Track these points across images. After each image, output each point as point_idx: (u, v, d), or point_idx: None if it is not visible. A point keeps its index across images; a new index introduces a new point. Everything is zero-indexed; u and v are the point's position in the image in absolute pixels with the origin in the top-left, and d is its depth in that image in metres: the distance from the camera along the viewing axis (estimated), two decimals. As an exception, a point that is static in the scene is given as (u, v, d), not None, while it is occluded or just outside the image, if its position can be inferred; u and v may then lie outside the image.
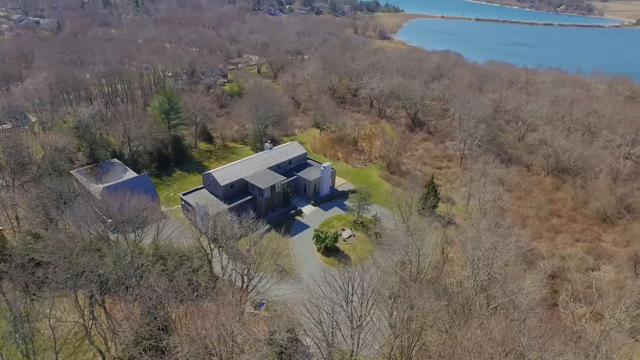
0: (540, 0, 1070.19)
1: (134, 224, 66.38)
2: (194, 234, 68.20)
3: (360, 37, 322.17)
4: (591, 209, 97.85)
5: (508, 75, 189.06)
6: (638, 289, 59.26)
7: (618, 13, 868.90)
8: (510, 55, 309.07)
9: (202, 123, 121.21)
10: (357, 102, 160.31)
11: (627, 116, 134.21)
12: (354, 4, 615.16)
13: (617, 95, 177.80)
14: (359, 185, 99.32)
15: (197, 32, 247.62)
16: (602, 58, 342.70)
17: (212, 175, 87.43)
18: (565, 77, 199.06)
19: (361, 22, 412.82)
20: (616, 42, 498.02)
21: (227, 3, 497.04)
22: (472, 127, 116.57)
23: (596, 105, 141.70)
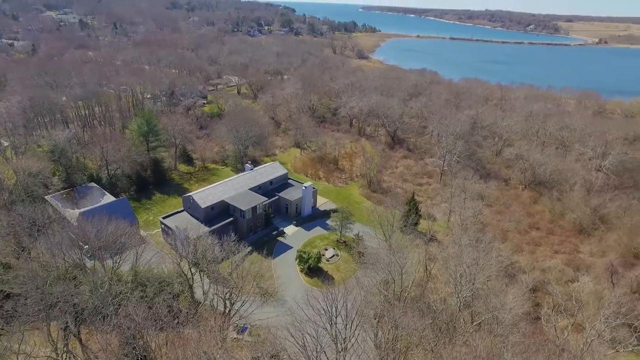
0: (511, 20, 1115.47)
1: (111, 250, 64.63)
2: (174, 259, 66.77)
3: (339, 56, 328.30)
4: (568, 221, 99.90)
5: (483, 92, 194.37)
6: (615, 300, 60.21)
7: (581, 32, 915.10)
8: (484, 72, 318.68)
9: (181, 145, 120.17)
10: (337, 121, 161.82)
11: (596, 130, 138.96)
12: (332, 24, 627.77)
13: (586, 109, 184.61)
14: (341, 204, 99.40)
15: (176, 53, 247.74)
16: (570, 74, 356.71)
17: (193, 198, 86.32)
18: (538, 92, 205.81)
19: (339, 42, 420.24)
20: (581, 59, 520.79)
21: (206, 25, 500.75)
22: (450, 143, 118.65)
23: (567, 120, 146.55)
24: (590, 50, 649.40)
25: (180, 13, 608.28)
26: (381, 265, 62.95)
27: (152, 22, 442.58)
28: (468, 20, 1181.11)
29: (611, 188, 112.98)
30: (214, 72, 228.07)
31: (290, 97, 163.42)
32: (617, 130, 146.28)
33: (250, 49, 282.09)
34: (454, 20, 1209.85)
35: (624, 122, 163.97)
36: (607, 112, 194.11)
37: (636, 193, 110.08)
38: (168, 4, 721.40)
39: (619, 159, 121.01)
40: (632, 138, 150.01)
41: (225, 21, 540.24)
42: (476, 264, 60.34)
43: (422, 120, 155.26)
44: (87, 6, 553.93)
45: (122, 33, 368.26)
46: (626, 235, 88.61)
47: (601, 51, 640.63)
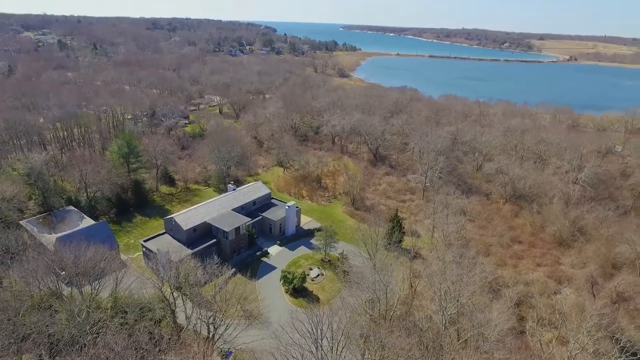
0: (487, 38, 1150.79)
1: (90, 276, 62.76)
2: (155, 283, 65.16)
3: (320, 75, 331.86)
4: (548, 233, 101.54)
5: (462, 108, 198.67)
6: (596, 312, 61.03)
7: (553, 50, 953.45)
8: (463, 88, 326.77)
9: (163, 166, 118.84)
10: (319, 139, 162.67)
11: (571, 144, 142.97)
12: (313, 43, 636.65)
13: (560, 124, 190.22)
14: (325, 222, 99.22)
15: (157, 74, 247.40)
16: (544, 90, 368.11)
17: (175, 220, 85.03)
18: (515, 108, 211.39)
19: (320, 61, 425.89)
20: (554, 75, 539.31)
21: (187, 45, 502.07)
22: (431, 159, 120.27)
23: (544, 134, 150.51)
24: (562, 67, 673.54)
25: (162, 33, 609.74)
26: (366, 284, 62.67)
27: (133, 43, 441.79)
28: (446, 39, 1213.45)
29: (588, 200, 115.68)
30: (195, 92, 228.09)
31: (273, 116, 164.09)
32: (590, 143, 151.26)
33: (232, 69, 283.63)
34: (432, 39, 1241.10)
35: (596, 136, 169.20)
36: (581, 126, 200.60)
37: (611, 204, 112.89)
38: (149, 25, 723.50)
39: (594, 171, 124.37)
40: (605, 151, 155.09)
41: (207, 41, 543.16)
42: (460, 280, 60.58)
43: (404, 137, 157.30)
44: (67, 27, 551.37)
45: (103, 53, 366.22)
46: (604, 246, 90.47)
47: (572, 68, 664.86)
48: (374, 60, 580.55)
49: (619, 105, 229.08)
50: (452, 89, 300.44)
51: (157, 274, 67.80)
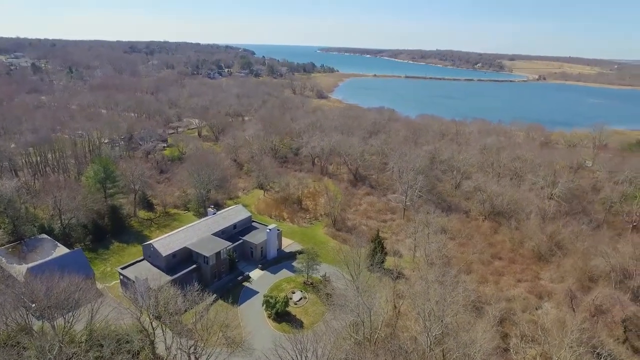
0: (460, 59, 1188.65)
1: (64, 308, 60.23)
2: (134, 313, 62.98)
3: (299, 97, 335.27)
4: (527, 249, 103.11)
5: (439, 128, 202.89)
6: (577, 326, 61.84)
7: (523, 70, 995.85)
8: (439, 107, 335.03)
9: (141, 190, 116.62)
10: (299, 161, 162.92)
11: (544, 160, 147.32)
12: (291, 65, 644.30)
13: (534, 141, 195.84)
14: (306, 244, 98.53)
15: (135, 97, 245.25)
16: (516, 108, 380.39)
17: (153, 246, 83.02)
18: (490, 126, 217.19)
19: (299, 82, 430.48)
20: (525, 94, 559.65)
21: (165, 68, 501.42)
22: (411, 178, 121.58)
23: (519, 151, 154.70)
24: (532, 86, 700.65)
25: (139, 56, 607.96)
26: (350, 306, 62.08)
27: (110, 66, 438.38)
28: (421, 60, 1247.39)
29: (563, 215, 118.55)
30: (174, 115, 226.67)
31: (252, 138, 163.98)
32: (562, 159, 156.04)
33: (210, 91, 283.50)
34: (407, 60, 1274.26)
35: (567, 152, 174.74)
36: (553, 143, 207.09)
37: (585, 218, 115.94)
38: (126, 48, 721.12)
39: (567, 186, 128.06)
40: (576, 166, 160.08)
41: (185, 64, 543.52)
42: (444, 300, 60.65)
43: (383, 157, 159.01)
44: (41, 50, 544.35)
45: (78, 77, 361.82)
46: (580, 260, 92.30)
47: (541, 86, 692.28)
48: (352, 82, 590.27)
49: (587, 122, 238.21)
50: (428, 108, 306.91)
51: (136, 303, 65.61)
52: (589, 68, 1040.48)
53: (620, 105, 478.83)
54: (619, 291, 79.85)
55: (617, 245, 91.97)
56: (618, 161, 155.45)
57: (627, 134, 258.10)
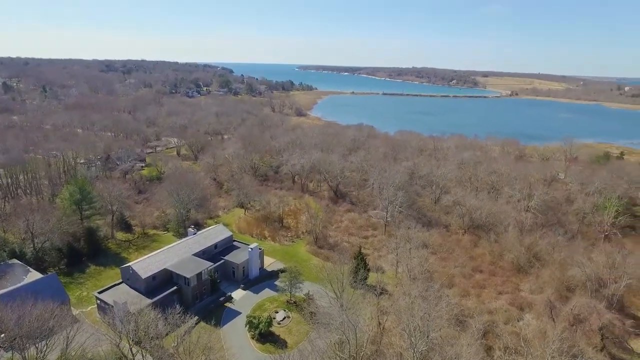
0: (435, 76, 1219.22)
1: (36, 337, 57.78)
2: (112, 339, 61.06)
3: (278, 115, 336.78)
4: (507, 261, 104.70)
5: (418, 143, 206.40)
6: (557, 336, 62.88)
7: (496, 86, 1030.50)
8: (417, 123, 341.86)
9: (119, 211, 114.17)
10: (280, 179, 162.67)
11: (520, 173, 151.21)
12: (270, 84, 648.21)
13: (509, 155, 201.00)
14: (289, 263, 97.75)
15: (112, 116, 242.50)
16: (491, 123, 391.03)
17: (132, 268, 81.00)
18: (467, 142, 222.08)
19: (278, 100, 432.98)
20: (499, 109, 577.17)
21: (143, 87, 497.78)
22: (391, 194, 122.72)
23: (495, 166, 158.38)
24: (506, 102, 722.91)
25: (116, 75, 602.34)
26: (334, 324, 61.62)
27: (86, 85, 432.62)
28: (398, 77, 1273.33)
29: (539, 226, 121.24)
30: (152, 134, 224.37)
31: (232, 157, 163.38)
32: (537, 172, 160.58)
33: (189, 110, 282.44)
34: (384, 77, 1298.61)
35: (541, 165, 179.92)
36: (527, 157, 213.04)
37: (560, 229, 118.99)
38: (103, 67, 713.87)
39: (542, 199, 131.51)
40: (550, 179, 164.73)
41: (163, 83, 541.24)
42: (428, 315, 60.89)
43: (363, 174, 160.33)
44: (13, 69, 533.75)
45: (52, 96, 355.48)
46: (558, 270, 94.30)
47: (514, 102, 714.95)
48: (330, 99, 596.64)
49: (558, 136, 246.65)
50: (407, 124, 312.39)
51: (114, 328, 63.70)
52: (558, 84, 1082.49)
53: (588, 119, 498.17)
54: (595, 300, 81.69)
55: (592, 255, 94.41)
56: (588, 173, 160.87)
57: (595, 147, 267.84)
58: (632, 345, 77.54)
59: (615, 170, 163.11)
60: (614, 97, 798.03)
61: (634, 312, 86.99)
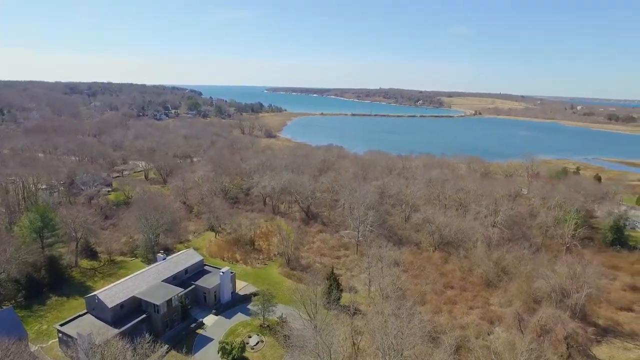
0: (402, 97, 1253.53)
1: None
2: (75, 374, 58.36)
3: (248, 137, 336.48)
4: (476, 276, 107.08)
5: (387, 163, 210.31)
6: (525, 348, 64.62)
7: (461, 105, 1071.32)
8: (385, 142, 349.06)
9: (84, 238, 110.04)
10: (251, 201, 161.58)
11: (486, 190, 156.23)
12: (239, 106, 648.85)
13: (475, 172, 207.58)
14: (261, 286, 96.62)
15: (76, 140, 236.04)
16: (457, 141, 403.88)
17: (98, 297, 77.97)
18: (434, 160, 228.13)
19: (247, 122, 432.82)
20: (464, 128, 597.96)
21: (109, 109, 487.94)
22: (362, 214, 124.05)
23: (462, 183, 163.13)
24: (470, 121, 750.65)
25: (81, 98, 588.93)
26: (309, 347, 61.19)
27: (48, 108, 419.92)
28: (366, 98, 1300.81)
29: (506, 241, 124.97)
30: (119, 157, 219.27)
31: (201, 179, 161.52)
32: (501, 188, 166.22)
33: (157, 133, 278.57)
34: (353, 98, 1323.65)
35: (505, 182, 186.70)
36: (492, 173, 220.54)
37: (525, 243, 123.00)
38: (66, 89, 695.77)
39: (508, 214, 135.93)
40: (514, 195, 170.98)
41: (130, 105, 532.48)
42: (401, 333, 61.39)
43: (334, 194, 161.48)
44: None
45: (11, 119, 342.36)
46: (525, 283, 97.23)
47: (477, 121, 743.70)
48: (300, 120, 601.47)
49: (519, 153, 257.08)
50: (375, 144, 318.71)
51: (78, 363, 60.96)
52: (517, 103, 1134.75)
53: (546, 136, 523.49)
54: (560, 310, 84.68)
55: (555, 267, 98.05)
56: (549, 188, 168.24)
57: (554, 163, 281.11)
58: (595, 352, 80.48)
59: (572, 184, 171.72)
60: (568, 115, 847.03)
61: (595, 319, 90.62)
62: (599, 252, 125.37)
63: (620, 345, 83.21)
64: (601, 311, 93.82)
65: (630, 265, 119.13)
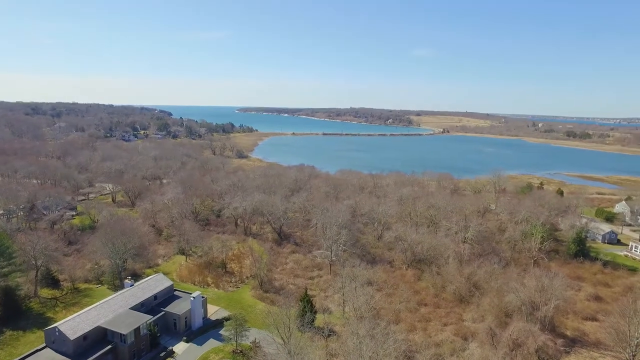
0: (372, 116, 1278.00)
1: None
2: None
3: (219, 157, 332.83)
4: (449, 293, 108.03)
5: (358, 182, 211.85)
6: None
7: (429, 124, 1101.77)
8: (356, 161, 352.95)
9: (44, 266, 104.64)
10: (222, 223, 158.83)
11: (456, 207, 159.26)
12: (210, 126, 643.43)
13: (445, 189, 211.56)
14: (234, 310, 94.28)
15: (38, 162, 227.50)
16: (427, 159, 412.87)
17: (59, 329, 73.90)
18: (405, 178, 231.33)
19: (218, 143, 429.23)
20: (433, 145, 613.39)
21: (75, 131, 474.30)
22: (334, 233, 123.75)
23: (432, 200, 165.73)
24: (439, 138, 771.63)
25: (44, 119, 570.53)
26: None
27: (7, 129, 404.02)
28: (337, 117, 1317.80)
29: (477, 256, 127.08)
30: (84, 180, 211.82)
31: (171, 202, 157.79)
32: (471, 204, 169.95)
33: (125, 155, 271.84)
34: (324, 118, 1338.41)
35: (474, 198, 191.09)
36: (461, 190, 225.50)
37: (495, 258, 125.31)
38: (28, 110, 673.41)
39: (478, 229, 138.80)
40: (483, 210, 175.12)
41: (97, 126, 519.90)
42: (376, 354, 60.87)
43: (306, 214, 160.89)
44: None
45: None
46: (496, 298, 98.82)
47: (446, 139, 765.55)
48: (271, 140, 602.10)
49: (487, 169, 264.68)
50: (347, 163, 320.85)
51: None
52: (483, 121, 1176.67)
53: (511, 153, 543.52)
54: (531, 323, 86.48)
55: (524, 280, 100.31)
56: (515, 203, 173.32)
57: (519, 178, 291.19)
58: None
59: (537, 199, 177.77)
60: (530, 132, 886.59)
61: (563, 331, 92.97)
62: (564, 264, 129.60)
63: (587, 354, 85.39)
64: (568, 322, 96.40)
65: (593, 275, 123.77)
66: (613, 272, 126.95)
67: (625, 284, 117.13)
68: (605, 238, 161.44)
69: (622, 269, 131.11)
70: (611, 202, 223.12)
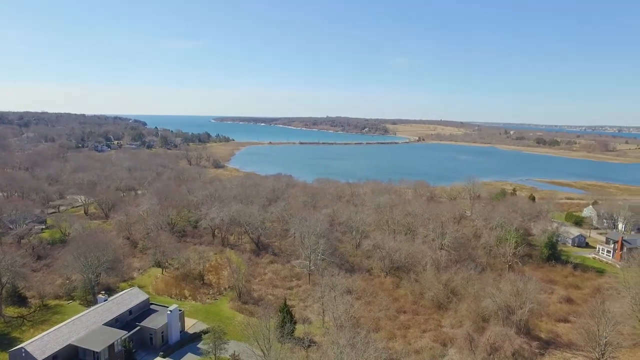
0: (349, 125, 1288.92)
1: None
2: None
3: (195, 167, 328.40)
4: (427, 299, 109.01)
5: (335, 190, 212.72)
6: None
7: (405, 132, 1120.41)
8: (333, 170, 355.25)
9: (10, 283, 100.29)
10: (199, 234, 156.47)
11: (432, 214, 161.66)
12: (186, 136, 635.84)
13: (421, 197, 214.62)
14: (212, 322, 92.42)
15: (4, 174, 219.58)
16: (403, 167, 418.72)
17: (25, 350, 70.74)
18: (382, 186, 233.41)
19: (194, 153, 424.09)
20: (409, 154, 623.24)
21: (44, 141, 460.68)
22: (313, 243, 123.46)
23: (409, 208, 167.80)
24: (414, 146, 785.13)
25: (11, 129, 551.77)
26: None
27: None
28: (313, 126, 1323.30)
29: (454, 262, 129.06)
30: (55, 192, 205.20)
31: (146, 213, 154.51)
32: (447, 211, 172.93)
33: (98, 165, 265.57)
34: (300, 127, 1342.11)
35: (450, 205, 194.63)
36: (437, 197, 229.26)
37: (472, 264, 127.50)
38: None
39: (454, 236, 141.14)
40: (459, 217, 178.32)
41: (68, 136, 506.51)
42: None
43: (284, 224, 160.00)
44: None
45: None
46: (473, 303, 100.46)
47: (421, 147, 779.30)
48: (248, 150, 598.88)
49: (461, 176, 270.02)
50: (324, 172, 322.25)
51: None
52: (457, 129, 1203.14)
53: (485, 160, 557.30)
54: (507, 327, 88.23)
55: (500, 285, 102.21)
56: (490, 209, 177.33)
57: (493, 185, 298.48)
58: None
59: (510, 205, 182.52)
60: (502, 140, 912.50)
61: (537, 333, 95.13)
62: (538, 268, 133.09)
63: (560, 355, 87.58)
64: (542, 324, 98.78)
65: (564, 278, 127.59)
66: (583, 275, 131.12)
67: (594, 286, 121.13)
68: (574, 241, 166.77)
69: (591, 271, 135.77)
70: (579, 207, 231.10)
